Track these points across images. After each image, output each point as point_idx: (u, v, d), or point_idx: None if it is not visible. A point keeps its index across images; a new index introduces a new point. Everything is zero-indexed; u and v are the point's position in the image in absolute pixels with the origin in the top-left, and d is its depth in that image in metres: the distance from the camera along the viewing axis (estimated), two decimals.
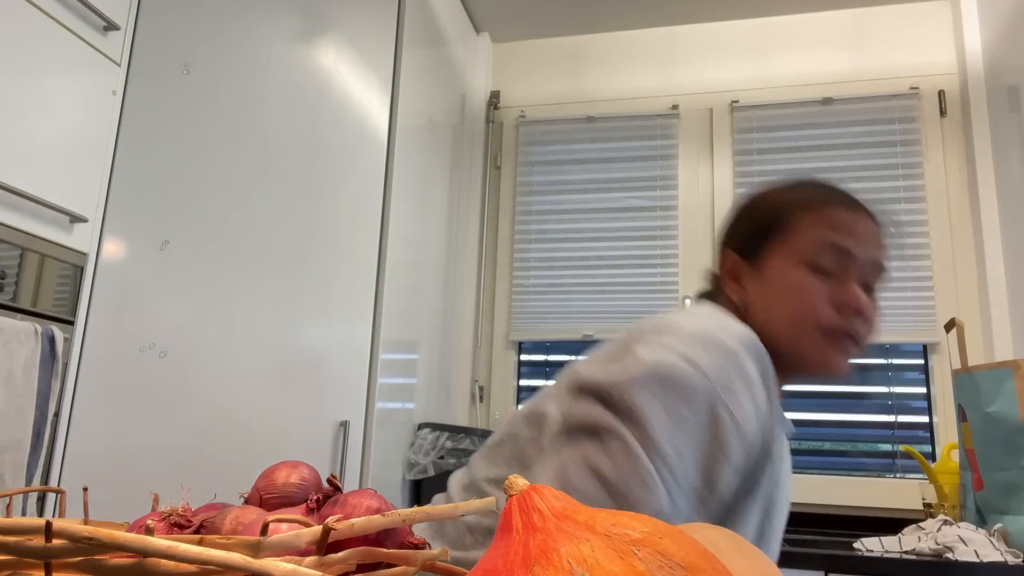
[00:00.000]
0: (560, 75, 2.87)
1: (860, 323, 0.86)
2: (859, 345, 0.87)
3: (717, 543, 0.44)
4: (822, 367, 0.87)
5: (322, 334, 1.73)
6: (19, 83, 1.30)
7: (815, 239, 0.87)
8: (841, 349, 0.86)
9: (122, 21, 1.51)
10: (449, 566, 0.43)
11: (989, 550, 1.56)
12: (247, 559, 0.31)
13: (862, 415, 2.38)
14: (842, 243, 0.86)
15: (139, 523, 0.43)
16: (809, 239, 0.87)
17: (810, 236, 0.87)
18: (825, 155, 2.53)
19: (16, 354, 1.25)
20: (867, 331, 0.87)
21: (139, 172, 1.73)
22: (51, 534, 0.31)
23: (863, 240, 0.87)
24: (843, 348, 0.86)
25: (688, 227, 2.61)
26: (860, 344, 0.87)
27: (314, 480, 0.47)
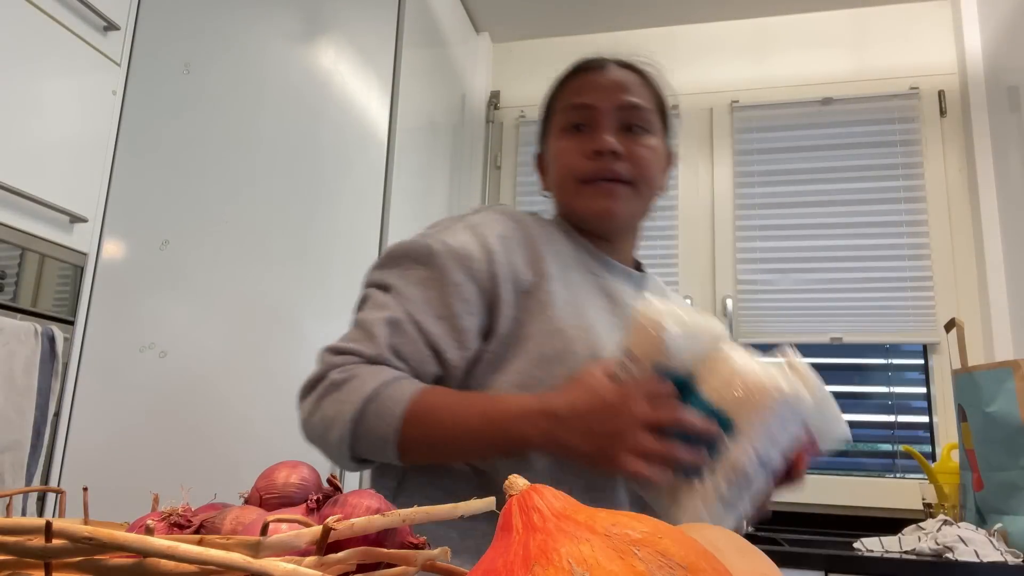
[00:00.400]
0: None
1: (618, 163, 0.89)
2: (626, 183, 0.90)
3: (717, 543, 0.44)
4: (591, 213, 0.91)
5: (323, 334, 1.73)
6: (19, 83, 1.30)
7: (562, 106, 0.95)
8: (602, 192, 0.90)
9: (122, 21, 1.51)
10: (449, 566, 0.43)
11: (989, 550, 1.56)
12: (247, 559, 0.31)
13: (862, 415, 2.38)
14: (582, 100, 0.92)
15: (139, 523, 0.43)
16: (559, 109, 0.96)
17: (560, 106, 0.96)
18: (825, 155, 2.53)
19: (16, 354, 1.25)
20: (629, 168, 0.90)
21: (139, 172, 1.72)
22: (51, 534, 0.31)
23: (604, 90, 0.92)
24: (604, 191, 0.90)
25: (688, 227, 2.61)
26: (626, 181, 0.90)
27: (314, 480, 0.47)
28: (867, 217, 2.45)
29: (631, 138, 0.91)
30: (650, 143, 0.92)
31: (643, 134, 0.92)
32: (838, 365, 2.44)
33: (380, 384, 0.75)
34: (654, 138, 0.94)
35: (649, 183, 0.92)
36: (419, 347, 0.80)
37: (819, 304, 2.43)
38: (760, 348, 2.50)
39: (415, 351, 0.80)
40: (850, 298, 2.41)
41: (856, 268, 2.42)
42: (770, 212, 2.53)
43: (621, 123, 0.91)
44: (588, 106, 0.92)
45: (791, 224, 2.51)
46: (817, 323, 2.42)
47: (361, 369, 0.77)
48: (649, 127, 0.93)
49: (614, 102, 0.91)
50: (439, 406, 0.75)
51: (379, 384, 0.75)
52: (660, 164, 0.95)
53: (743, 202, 2.57)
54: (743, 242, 2.54)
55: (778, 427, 0.66)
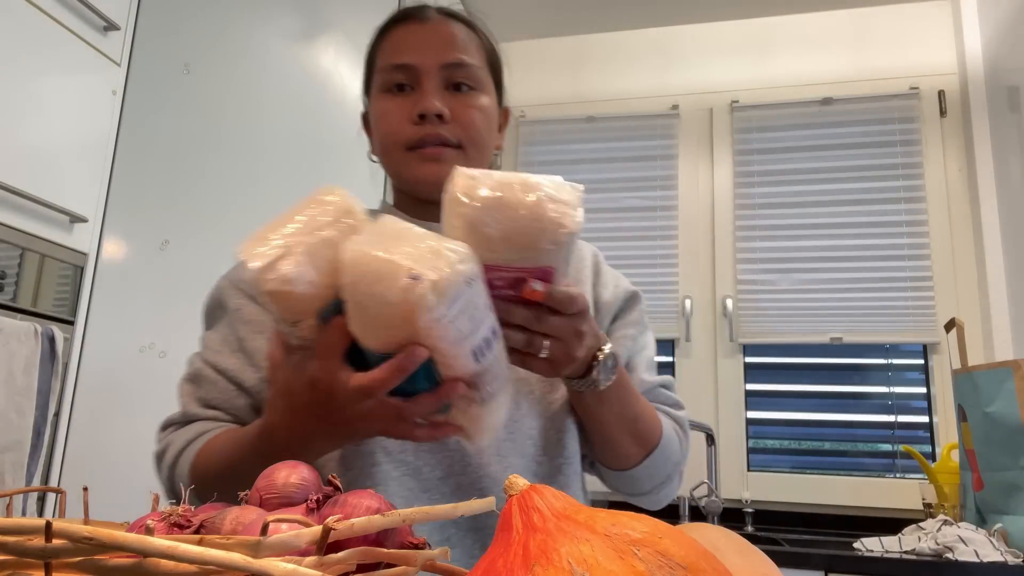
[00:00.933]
0: (560, 75, 2.87)
1: (444, 126, 0.82)
2: (454, 147, 0.82)
3: (717, 543, 0.44)
4: (419, 180, 0.83)
5: None
6: (19, 83, 1.30)
7: (382, 64, 0.86)
8: (428, 157, 0.82)
9: (122, 21, 1.51)
10: (449, 566, 0.43)
11: (989, 550, 1.56)
12: (247, 559, 0.31)
13: (862, 415, 2.38)
14: (403, 59, 0.84)
15: (139, 523, 0.43)
16: (379, 68, 0.86)
17: (380, 64, 0.87)
18: (825, 155, 2.53)
19: (16, 354, 1.26)
20: (457, 131, 0.82)
21: (139, 172, 1.72)
22: (51, 534, 0.31)
23: (428, 47, 0.84)
24: (430, 156, 0.82)
25: (688, 227, 2.61)
26: (454, 145, 0.82)
27: (314, 480, 0.47)
28: (867, 217, 2.45)
29: (458, 98, 0.84)
30: (479, 102, 0.85)
31: (471, 93, 0.85)
32: (838, 365, 2.44)
33: (179, 448, 0.76)
34: (484, 96, 0.86)
35: (479, 145, 0.85)
36: (222, 387, 0.79)
37: (819, 304, 2.43)
38: (760, 348, 2.48)
39: (220, 393, 0.79)
40: (850, 298, 2.41)
41: (856, 268, 2.42)
42: (770, 212, 2.53)
43: (447, 82, 0.84)
44: (409, 66, 0.83)
45: (791, 224, 2.51)
46: (817, 323, 2.42)
47: (172, 436, 0.78)
48: (478, 85, 0.86)
49: (439, 59, 0.83)
50: (219, 440, 0.73)
51: (177, 448, 0.76)
52: (491, 124, 0.88)
53: (743, 202, 2.57)
54: (743, 242, 2.54)
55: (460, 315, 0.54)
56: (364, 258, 0.53)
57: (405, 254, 0.52)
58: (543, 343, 0.64)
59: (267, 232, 0.57)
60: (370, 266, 0.53)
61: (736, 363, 2.47)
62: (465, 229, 0.59)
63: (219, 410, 0.79)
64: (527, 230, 0.60)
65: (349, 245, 0.54)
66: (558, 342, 0.64)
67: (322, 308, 0.57)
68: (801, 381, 2.49)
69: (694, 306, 2.53)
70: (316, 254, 0.56)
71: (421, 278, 0.51)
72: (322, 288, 0.56)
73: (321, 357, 0.57)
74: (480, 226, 0.59)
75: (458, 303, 0.53)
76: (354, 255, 0.53)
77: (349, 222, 0.58)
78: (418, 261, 0.52)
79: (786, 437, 2.45)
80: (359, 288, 0.53)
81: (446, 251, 0.53)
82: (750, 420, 2.44)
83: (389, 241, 0.54)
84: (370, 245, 0.54)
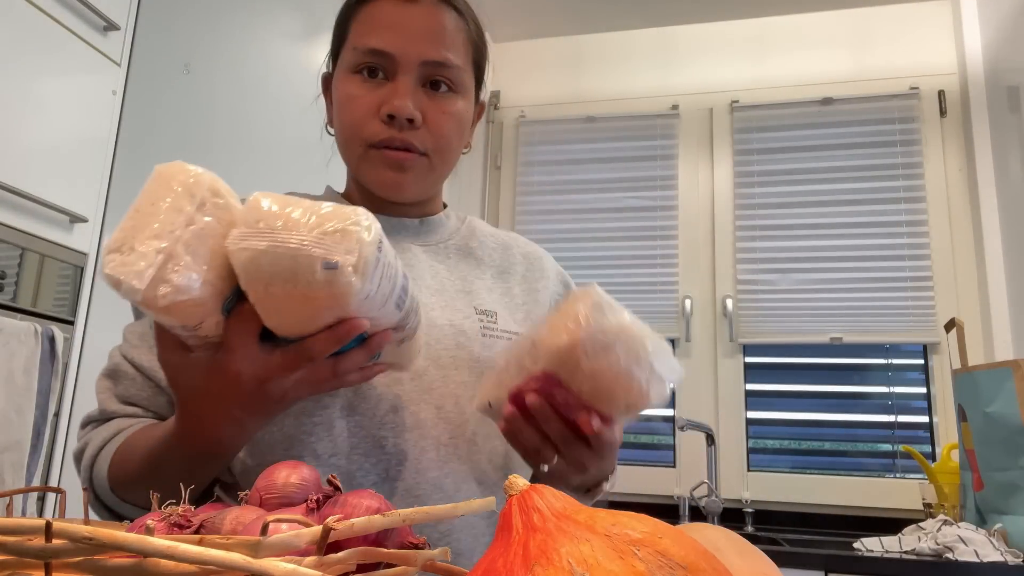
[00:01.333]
0: (560, 75, 2.87)
1: (414, 133, 0.74)
2: (419, 154, 0.76)
3: (717, 543, 0.44)
4: (376, 184, 0.77)
5: None
6: (19, 83, 1.30)
7: (357, 40, 0.77)
8: (391, 163, 0.75)
9: (122, 21, 1.51)
10: (449, 566, 0.43)
11: (989, 550, 1.56)
12: (247, 559, 0.31)
13: (862, 415, 2.38)
14: (382, 45, 0.74)
15: (139, 523, 0.43)
16: (351, 44, 0.77)
17: (352, 40, 0.77)
18: (825, 155, 2.53)
19: (16, 354, 1.25)
20: (427, 139, 0.75)
21: (139, 172, 1.72)
22: (51, 534, 0.31)
23: (411, 36, 0.75)
24: (393, 161, 0.75)
25: (688, 227, 2.61)
26: (420, 152, 0.76)
27: (314, 480, 0.47)
28: (867, 217, 2.45)
29: (435, 100, 0.76)
30: (455, 108, 0.77)
31: (449, 97, 0.77)
32: (838, 365, 2.44)
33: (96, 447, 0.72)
34: (461, 100, 0.78)
35: (446, 155, 0.78)
36: (139, 384, 0.74)
37: (819, 304, 2.43)
38: (760, 348, 2.48)
39: (138, 390, 0.74)
40: (850, 298, 2.41)
41: (856, 268, 2.42)
42: (770, 212, 2.53)
43: (425, 79, 0.76)
44: (387, 54, 0.74)
45: (791, 224, 2.51)
46: (817, 323, 2.42)
47: (90, 435, 0.74)
48: (458, 87, 0.77)
49: (422, 54, 0.74)
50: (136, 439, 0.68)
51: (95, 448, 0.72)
52: (464, 130, 0.80)
53: (743, 202, 2.57)
54: (743, 242, 2.54)
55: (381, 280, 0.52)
56: (265, 256, 0.48)
57: (309, 241, 0.48)
58: (553, 458, 0.64)
59: (130, 238, 0.49)
60: (278, 264, 0.48)
61: (736, 363, 2.47)
62: (567, 344, 0.59)
63: (138, 407, 0.74)
64: (615, 388, 0.60)
65: (240, 241, 0.49)
66: (566, 464, 0.65)
67: (223, 303, 0.52)
68: (801, 381, 2.49)
69: (694, 306, 2.53)
70: (199, 250, 0.50)
71: (339, 265, 0.48)
72: (218, 282, 0.51)
73: (236, 347, 0.53)
74: (579, 352, 0.59)
75: (378, 272, 0.51)
76: (253, 254, 0.49)
77: (218, 202, 0.51)
78: (326, 246, 0.48)
79: (786, 437, 2.45)
80: (270, 288, 0.50)
81: (349, 226, 0.49)
82: (750, 420, 2.44)
83: (281, 227, 0.49)
84: (264, 237, 0.48)
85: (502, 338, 0.79)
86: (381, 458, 0.70)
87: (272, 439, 0.70)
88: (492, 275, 0.86)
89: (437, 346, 0.75)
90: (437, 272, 0.82)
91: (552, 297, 0.91)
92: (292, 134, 1.83)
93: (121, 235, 0.49)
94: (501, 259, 0.89)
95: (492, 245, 0.90)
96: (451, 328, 0.77)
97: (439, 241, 0.86)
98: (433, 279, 0.80)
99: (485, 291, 0.83)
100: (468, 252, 0.87)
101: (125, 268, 0.48)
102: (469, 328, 0.77)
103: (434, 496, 0.71)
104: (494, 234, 0.92)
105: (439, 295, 0.79)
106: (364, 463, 0.70)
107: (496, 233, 0.93)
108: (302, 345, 0.53)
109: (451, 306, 0.79)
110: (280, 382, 0.55)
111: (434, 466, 0.72)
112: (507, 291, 0.85)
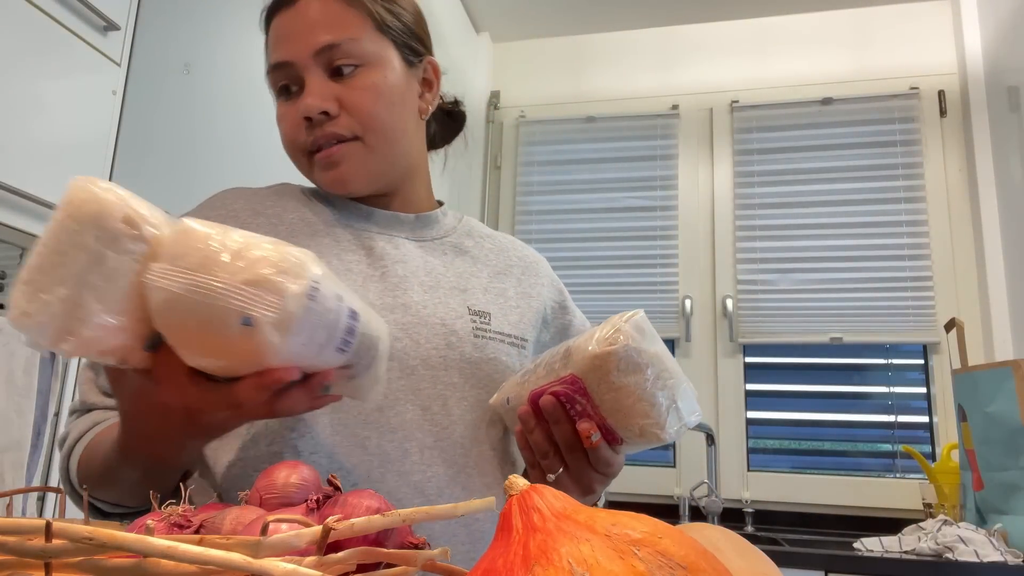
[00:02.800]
0: (560, 75, 2.86)
1: (333, 123, 0.74)
2: (350, 140, 0.75)
3: (717, 543, 0.44)
4: (326, 186, 0.78)
5: None
6: (19, 83, 1.30)
7: (269, 65, 0.78)
8: (325, 163, 0.75)
9: (122, 21, 1.51)
10: (449, 566, 0.43)
11: (989, 550, 1.57)
12: (247, 559, 0.31)
13: (862, 415, 2.38)
14: (278, 57, 0.75)
15: (139, 523, 0.43)
16: (268, 68, 0.78)
17: (268, 64, 0.78)
18: (825, 155, 2.53)
19: (16, 354, 1.26)
20: (350, 122, 0.74)
21: (139, 172, 1.72)
22: (51, 534, 0.31)
23: (297, 36, 0.74)
24: (326, 161, 0.75)
25: (688, 227, 2.61)
26: (350, 138, 0.75)
27: (314, 480, 0.47)
28: (867, 217, 2.45)
29: (344, 83, 0.74)
30: (370, 80, 0.75)
31: (357, 72, 0.74)
32: (838, 365, 2.44)
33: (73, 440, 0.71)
34: (376, 70, 0.75)
35: (382, 129, 0.76)
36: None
37: (819, 304, 2.43)
38: (760, 348, 2.48)
39: None
40: (850, 298, 2.41)
41: (856, 268, 2.42)
42: (770, 212, 2.53)
43: (327, 68, 0.74)
44: (285, 64, 0.75)
45: (791, 224, 2.51)
46: (817, 323, 2.42)
47: (72, 426, 0.73)
48: (364, 59, 0.75)
49: (308, 47, 0.73)
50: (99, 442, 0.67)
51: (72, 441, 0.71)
52: (394, 97, 0.77)
53: (743, 202, 2.57)
54: (743, 242, 2.54)
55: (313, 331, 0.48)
56: (180, 301, 0.44)
57: (230, 289, 0.43)
58: (558, 468, 0.65)
59: (36, 278, 0.44)
60: (194, 311, 0.44)
61: (736, 363, 2.47)
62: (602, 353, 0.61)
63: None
64: (635, 409, 0.62)
65: (158, 279, 0.44)
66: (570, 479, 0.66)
67: (145, 342, 0.48)
68: (801, 381, 2.49)
69: (694, 306, 2.53)
70: (108, 294, 0.44)
71: (255, 322, 0.43)
72: (136, 326, 0.46)
73: (163, 379, 0.50)
74: (612, 363, 0.61)
75: (306, 325, 0.46)
76: (168, 295, 0.44)
77: (133, 233, 0.45)
78: (246, 297, 0.43)
79: (786, 437, 2.45)
80: (184, 333, 0.45)
81: (276, 276, 0.44)
82: (750, 420, 2.44)
83: (200, 268, 0.44)
84: (182, 278, 0.44)
85: (494, 340, 0.78)
86: (363, 459, 0.68)
87: (256, 432, 0.70)
88: (488, 275, 0.85)
89: (427, 345, 0.74)
90: (432, 268, 0.81)
91: (546, 303, 0.90)
92: None
93: (27, 274, 0.44)
94: (497, 260, 0.88)
95: (489, 246, 0.89)
96: (443, 328, 0.76)
97: (435, 237, 0.85)
98: (427, 275, 0.79)
99: (480, 291, 0.82)
100: (464, 250, 0.86)
101: (28, 320, 0.44)
102: (461, 328, 0.77)
103: (415, 500, 0.69)
104: (491, 235, 0.92)
105: (432, 292, 0.78)
106: (345, 463, 0.68)
107: (493, 234, 0.93)
108: (230, 391, 0.50)
109: (444, 304, 0.78)
110: (211, 415, 0.53)
111: (417, 469, 0.70)
112: (502, 292, 0.84)
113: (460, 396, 0.74)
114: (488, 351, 0.77)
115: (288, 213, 0.80)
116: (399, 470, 0.69)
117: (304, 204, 0.82)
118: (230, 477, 0.70)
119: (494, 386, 0.77)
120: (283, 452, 0.68)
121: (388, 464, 0.69)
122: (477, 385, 0.76)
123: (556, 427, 0.64)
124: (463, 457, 0.73)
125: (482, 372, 0.76)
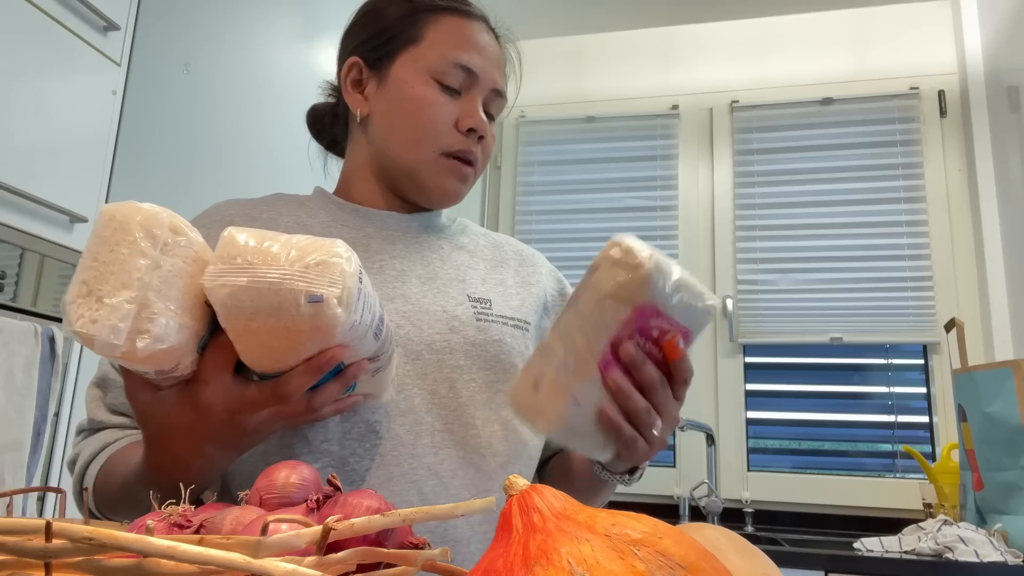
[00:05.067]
0: (560, 75, 2.87)
1: (478, 148, 0.81)
2: (475, 170, 0.83)
3: (717, 543, 0.44)
4: (439, 190, 0.81)
5: None
6: (19, 83, 1.30)
7: (445, 54, 0.79)
8: (458, 173, 0.81)
9: (122, 21, 1.51)
10: (449, 566, 0.43)
11: (989, 550, 1.57)
12: (247, 559, 0.31)
13: (862, 415, 2.38)
14: (471, 63, 0.79)
15: (139, 523, 0.43)
16: (439, 53, 0.79)
17: (441, 50, 0.79)
18: (825, 155, 2.53)
19: (16, 354, 1.25)
20: (480, 155, 0.82)
21: (139, 172, 1.72)
22: (51, 534, 0.31)
23: (490, 63, 0.81)
24: (460, 173, 0.81)
25: (688, 227, 2.61)
26: (476, 169, 0.83)
27: (314, 480, 0.47)
28: (867, 217, 2.45)
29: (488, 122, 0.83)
30: (494, 130, 0.86)
31: (494, 123, 0.85)
32: (838, 365, 2.44)
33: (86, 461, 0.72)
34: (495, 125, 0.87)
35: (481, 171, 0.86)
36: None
37: (819, 304, 2.43)
38: (760, 348, 2.47)
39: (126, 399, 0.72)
40: (850, 298, 2.41)
41: (856, 268, 2.42)
42: (770, 212, 2.54)
43: (486, 103, 0.82)
44: (472, 72, 0.79)
45: (791, 224, 2.51)
46: (817, 323, 2.42)
47: (81, 445, 0.74)
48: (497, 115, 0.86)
49: (494, 81, 0.82)
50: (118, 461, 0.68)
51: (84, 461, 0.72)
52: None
53: (743, 202, 2.57)
54: (743, 242, 2.54)
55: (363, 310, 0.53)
56: (246, 292, 0.48)
57: (291, 274, 0.48)
58: (657, 421, 0.63)
59: (94, 289, 0.47)
60: (260, 299, 0.48)
61: (736, 363, 2.47)
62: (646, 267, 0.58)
63: (126, 416, 0.74)
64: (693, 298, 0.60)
65: (218, 278, 0.48)
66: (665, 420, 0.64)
67: (199, 341, 0.52)
68: (801, 381, 2.49)
69: None
70: (170, 294, 0.48)
71: (323, 298, 0.47)
72: (193, 324, 0.50)
73: (210, 379, 0.54)
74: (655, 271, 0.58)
75: (360, 303, 0.51)
76: (233, 290, 0.48)
77: (180, 240, 0.50)
78: (309, 279, 0.48)
79: (786, 437, 2.45)
80: (251, 324, 0.49)
81: (331, 257, 0.49)
82: (750, 420, 2.44)
83: (256, 262, 0.48)
84: (243, 273, 0.48)
85: (497, 322, 0.79)
86: (375, 443, 0.70)
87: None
88: (486, 267, 0.86)
89: (430, 331, 0.75)
90: (429, 262, 0.82)
91: (547, 291, 0.91)
92: (292, 134, 1.83)
93: (83, 287, 0.47)
94: (493, 254, 0.89)
95: (483, 243, 0.91)
96: (444, 314, 0.76)
97: (431, 234, 0.87)
98: (424, 269, 0.80)
99: (479, 281, 0.83)
100: (460, 246, 0.87)
101: (97, 324, 0.46)
102: (463, 314, 0.77)
103: (430, 483, 0.70)
104: (485, 234, 0.94)
105: (430, 283, 0.79)
106: (358, 448, 0.69)
107: (488, 233, 0.95)
108: (279, 381, 0.53)
109: (444, 293, 0.78)
110: (253, 416, 0.55)
111: (429, 452, 0.71)
112: (501, 281, 0.85)
113: (468, 378, 0.75)
114: (492, 333, 0.78)
115: (283, 217, 0.81)
116: (412, 453, 0.71)
117: (298, 208, 0.84)
118: (242, 473, 0.70)
119: (500, 367, 0.77)
120: (293, 442, 0.69)
121: (401, 447, 0.70)
122: (483, 367, 0.76)
123: (640, 372, 0.61)
124: (475, 438, 0.74)
125: (488, 354, 0.77)
